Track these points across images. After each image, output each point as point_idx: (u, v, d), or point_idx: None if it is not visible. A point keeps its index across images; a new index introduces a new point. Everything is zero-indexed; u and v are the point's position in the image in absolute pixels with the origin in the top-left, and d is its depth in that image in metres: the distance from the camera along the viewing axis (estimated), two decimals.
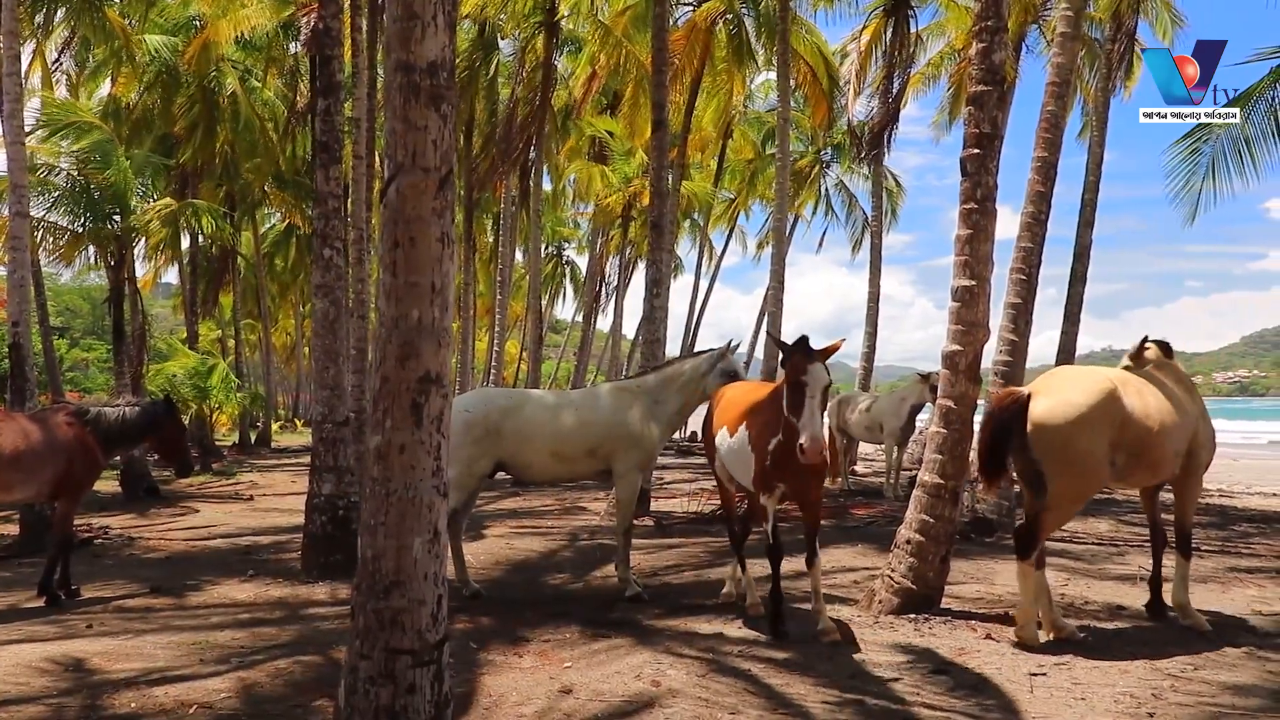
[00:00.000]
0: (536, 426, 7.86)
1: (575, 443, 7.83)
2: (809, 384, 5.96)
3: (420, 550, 3.39)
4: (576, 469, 8.09)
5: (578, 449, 7.83)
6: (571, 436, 7.83)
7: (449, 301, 3.42)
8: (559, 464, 7.95)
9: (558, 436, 7.83)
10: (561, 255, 50.02)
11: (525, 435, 7.81)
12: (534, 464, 7.95)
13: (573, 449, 7.84)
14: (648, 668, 5.85)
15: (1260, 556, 10.05)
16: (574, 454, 7.85)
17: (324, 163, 9.40)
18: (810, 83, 23.50)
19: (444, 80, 3.30)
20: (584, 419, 7.89)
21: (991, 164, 7.31)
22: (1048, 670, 5.74)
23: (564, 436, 7.83)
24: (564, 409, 7.99)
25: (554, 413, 7.95)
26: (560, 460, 7.91)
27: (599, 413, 7.92)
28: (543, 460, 7.91)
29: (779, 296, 18.04)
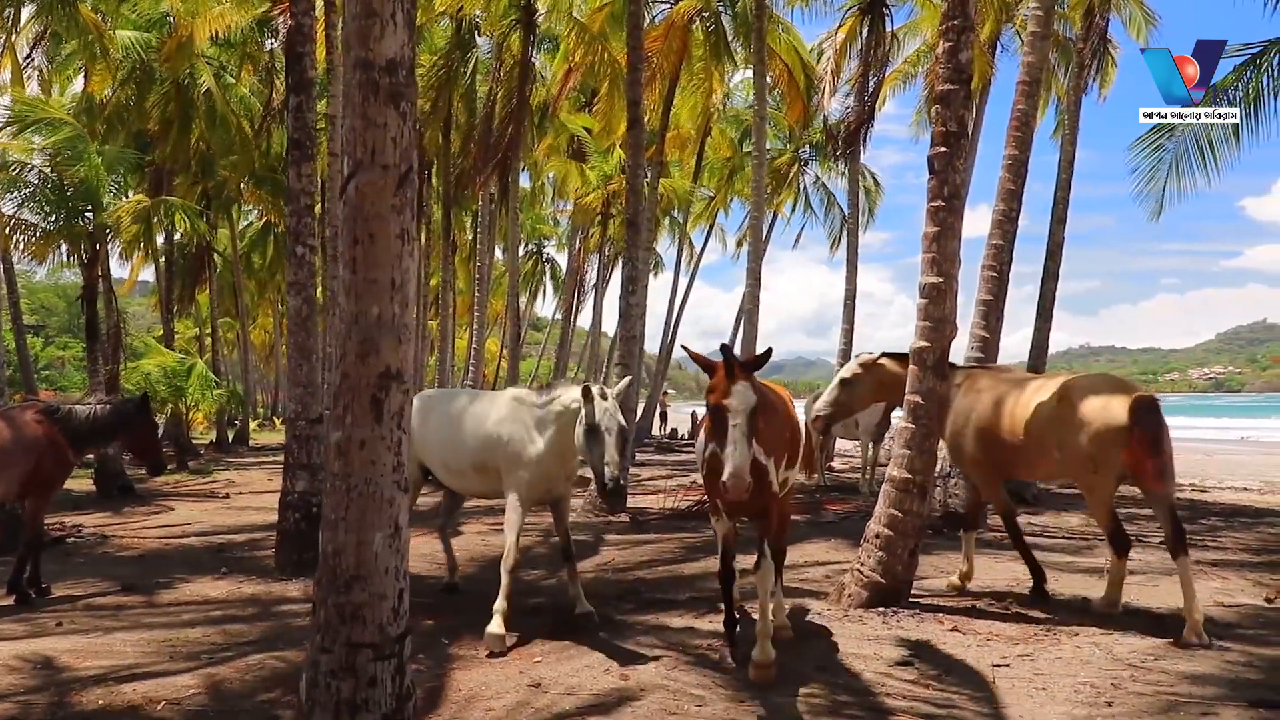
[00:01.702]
0: (433, 432, 7.26)
1: (461, 455, 7.05)
2: (730, 408, 4.97)
3: (381, 545, 3.41)
4: (470, 485, 7.30)
5: (464, 462, 7.03)
6: (458, 448, 7.06)
7: (409, 298, 3.45)
8: (453, 478, 7.30)
9: (445, 446, 7.17)
10: (541, 253, 49.98)
11: (426, 441, 7.27)
12: (440, 474, 7.42)
13: (458, 462, 7.09)
14: (618, 662, 5.90)
15: (1226, 549, 10.20)
16: (461, 467, 7.10)
17: (296, 160, 9.38)
18: (787, 81, 23.61)
19: (403, 78, 3.33)
20: (471, 429, 6.98)
21: (958, 162, 7.39)
22: (1010, 661, 5.82)
23: (451, 447, 7.11)
24: (462, 416, 7.13)
25: (453, 419, 7.15)
26: (452, 474, 7.25)
27: (485, 424, 6.91)
28: (441, 472, 7.36)
29: (756, 294, 18.12)
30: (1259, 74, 11.67)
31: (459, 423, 7.09)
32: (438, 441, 7.22)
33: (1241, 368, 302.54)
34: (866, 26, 21.55)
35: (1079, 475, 6.99)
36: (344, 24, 3.37)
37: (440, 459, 7.25)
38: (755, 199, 18.74)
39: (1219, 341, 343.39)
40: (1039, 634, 6.55)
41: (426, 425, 7.25)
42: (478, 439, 6.89)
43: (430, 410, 7.38)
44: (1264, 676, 5.49)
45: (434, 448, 7.27)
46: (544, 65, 27.08)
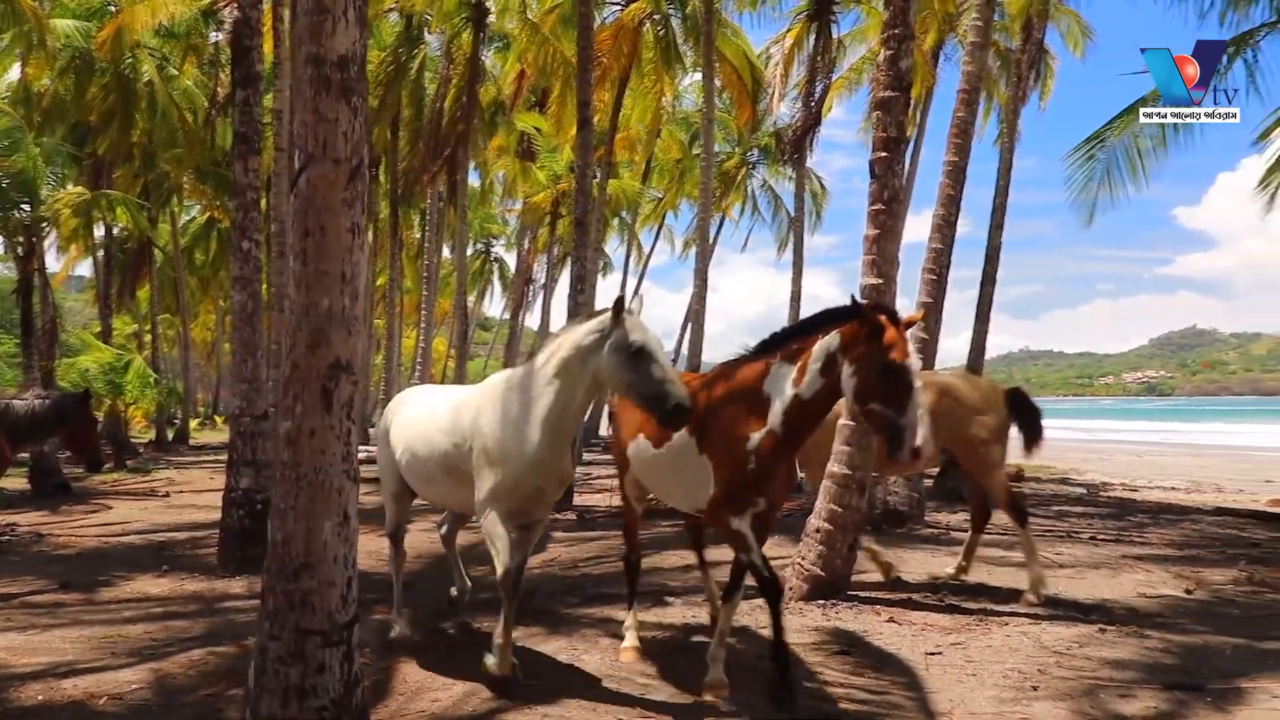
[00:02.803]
0: (402, 431, 6.00)
1: (428, 456, 5.67)
2: (913, 369, 4.57)
3: (330, 533, 3.47)
4: (444, 495, 5.87)
5: (433, 466, 5.64)
6: (425, 447, 5.70)
7: (359, 290, 3.51)
8: (423, 484, 5.91)
9: (413, 446, 5.83)
10: (490, 252, 49.79)
11: (397, 442, 6.04)
12: (412, 481, 6.03)
13: (426, 465, 5.72)
14: (564, 653, 6.00)
15: (1152, 545, 10.59)
16: (430, 472, 5.71)
17: (243, 154, 9.33)
18: (735, 85, 23.83)
19: (355, 74, 3.39)
20: (440, 424, 5.63)
21: (898, 166, 7.61)
22: (944, 650, 6.03)
23: (418, 446, 5.78)
24: (433, 409, 5.83)
25: (424, 415, 5.87)
26: (421, 479, 5.87)
27: (453, 416, 5.56)
28: (410, 478, 6.00)
29: (703, 296, 18.32)
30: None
31: (434, 416, 5.72)
32: (408, 441, 5.89)
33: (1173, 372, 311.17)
34: (814, 33, 21.86)
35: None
36: (296, 19, 3.43)
37: (406, 461, 5.91)
38: (703, 201, 18.94)
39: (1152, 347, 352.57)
40: (971, 624, 6.78)
41: (400, 420, 6.11)
42: (450, 435, 5.49)
43: (406, 404, 6.27)
44: (1180, 662, 5.76)
45: (402, 449, 5.97)
46: (494, 64, 27.04)
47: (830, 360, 4.79)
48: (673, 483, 5.56)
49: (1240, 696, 5.05)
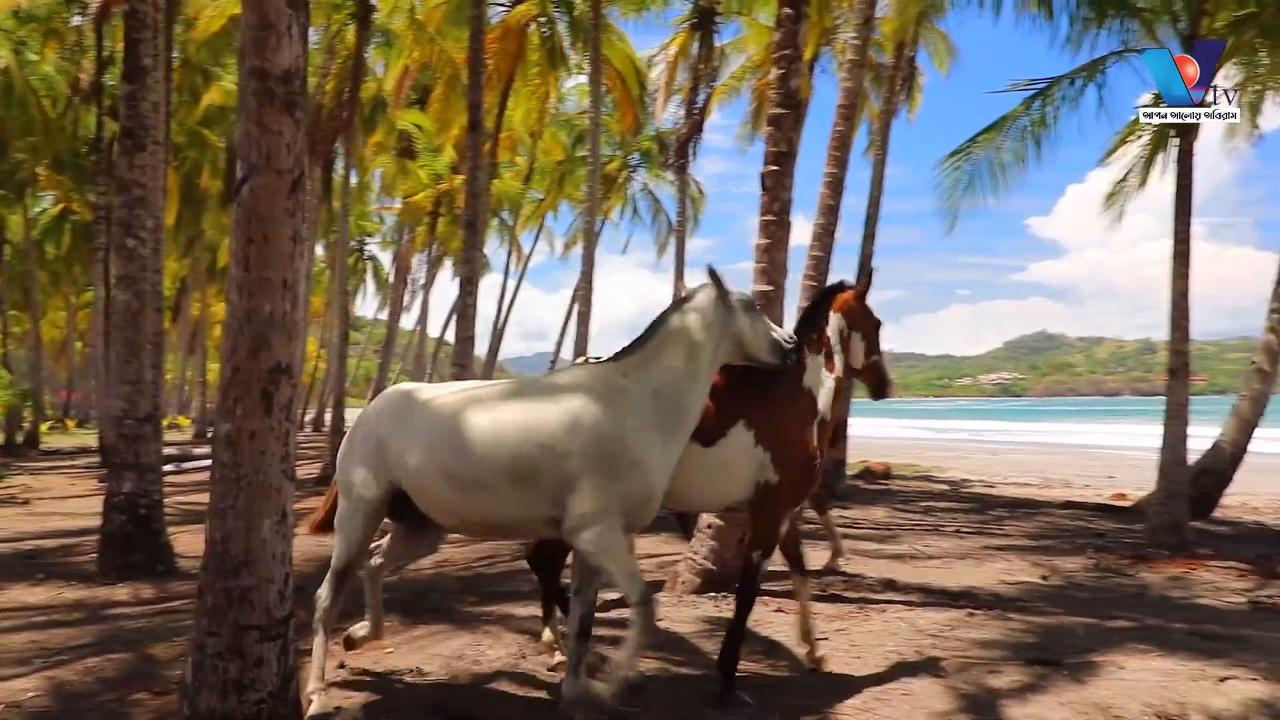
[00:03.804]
0: (423, 434, 4.69)
1: (483, 461, 4.50)
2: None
3: (269, 531, 3.58)
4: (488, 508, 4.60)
5: (493, 472, 4.49)
6: (479, 451, 4.51)
7: (299, 296, 3.62)
8: (459, 494, 4.59)
9: (454, 449, 4.56)
10: (363, 250, 48.84)
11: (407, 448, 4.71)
12: (428, 490, 4.68)
13: (477, 471, 4.51)
14: (468, 649, 6.13)
15: (1010, 536, 11.41)
16: (482, 480, 4.51)
17: (128, 150, 9.10)
18: (620, 89, 24.20)
19: (297, 88, 3.51)
20: (507, 424, 4.55)
21: (788, 180, 8.02)
22: (828, 636, 6.45)
23: (466, 450, 4.53)
24: (487, 409, 4.66)
25: (472, 415, 4.63)
26: (459, 489, 4.57)
27: (532, 415, 4.56)
28: (431, 490, 4.66)
29: (588, 297, 18.56)
30: (1044, 105, 13.06)
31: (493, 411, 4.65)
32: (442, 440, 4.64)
33: (1025, 374, 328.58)
34: (697, 41, 22.45)
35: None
36: (240, 33, 3.51)
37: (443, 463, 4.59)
38: (589, 204, 19.19)
39: (1006, 349, 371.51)
40: (852, 611, 7.25)
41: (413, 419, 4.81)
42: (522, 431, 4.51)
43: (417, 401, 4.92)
44: (1040, 640, 6.34)
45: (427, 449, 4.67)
46: (374, 60, 26.65)
47: (844, 337, 5.35)
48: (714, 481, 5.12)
49: (1092, 669, 5.61)
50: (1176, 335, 11.25)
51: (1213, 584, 8.62)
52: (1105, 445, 38.47)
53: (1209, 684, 5.30)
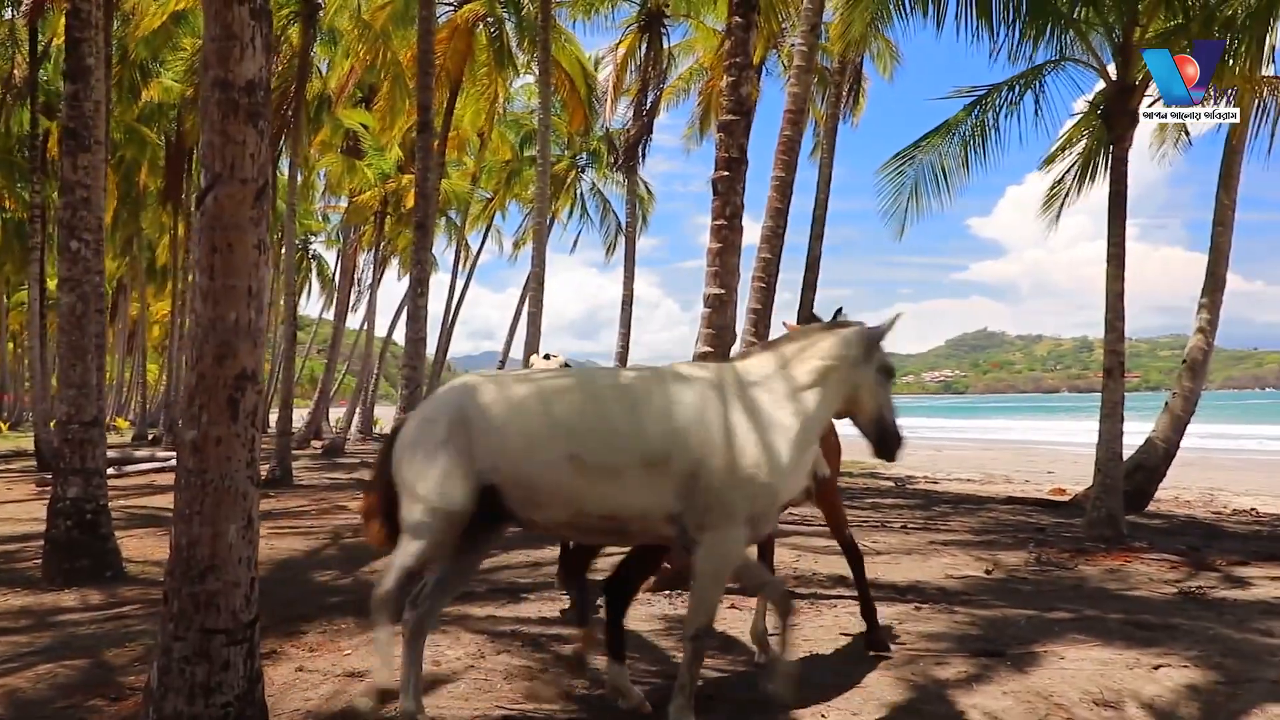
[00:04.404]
0: (524, 422, 4.38)
1: (605, 447, 4.30)
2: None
3: (235, 536, 3.61)
4: (610, 499, 4.32)
5: (620, 459, 4.29)
6: (600, 437, 4.32)
7: (263, 304, 3.65)
8: (589, 482, 4.29)
9: (575, 437, 4.31)
10: (308, 249, 48.26)
11: (502, 438, 4.34)
12: (544, 482, 4.32)
13: (601, 458, 4.29)
14: (427, 650, 6.13)
15: (954, 531, 11.71)
16: (607, 467, 4.29)
17: (71, 150, 8.96)
18: (568, 90, 24.26)
19: (261, 98, 3.54)
20: (635, 409, 4.39)
21: (739, 185, 8.18)
22: (778, 633, 6.60)
23: (590, 437, 4.32)
24: (606, 394, 4.51)
25: (589, 401, 4.46)
26: (592, 475, 4.28)
27: (662, 402, 4.39)
28: (538, 481, 4.33)
29: (539, 297, 18.60)
30: (984, 112, 13.40)
31: (625, 400, 4.45)
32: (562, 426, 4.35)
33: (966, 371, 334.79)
34: (645, 43, 22.59)
35: None
36: (204, 44, 3.54)
37: (570, 449, 4.28)
38: (539, 204, 19.22)
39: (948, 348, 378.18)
40: (804, 607, 7.41)
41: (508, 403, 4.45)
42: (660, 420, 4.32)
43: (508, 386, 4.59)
44: (984, 632, 6.56)
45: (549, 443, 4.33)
46: (319, 58, 26.38)
47: None
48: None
49: (1034, 659, 5.83)
50: (1111, 336, 11.62)
51: (1147, 576, 8.95)
52: (1044, 441, 39.46)
53: (1143, 672, 5.55)
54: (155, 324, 53.39)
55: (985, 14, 11.94)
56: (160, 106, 28.32)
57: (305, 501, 15.39)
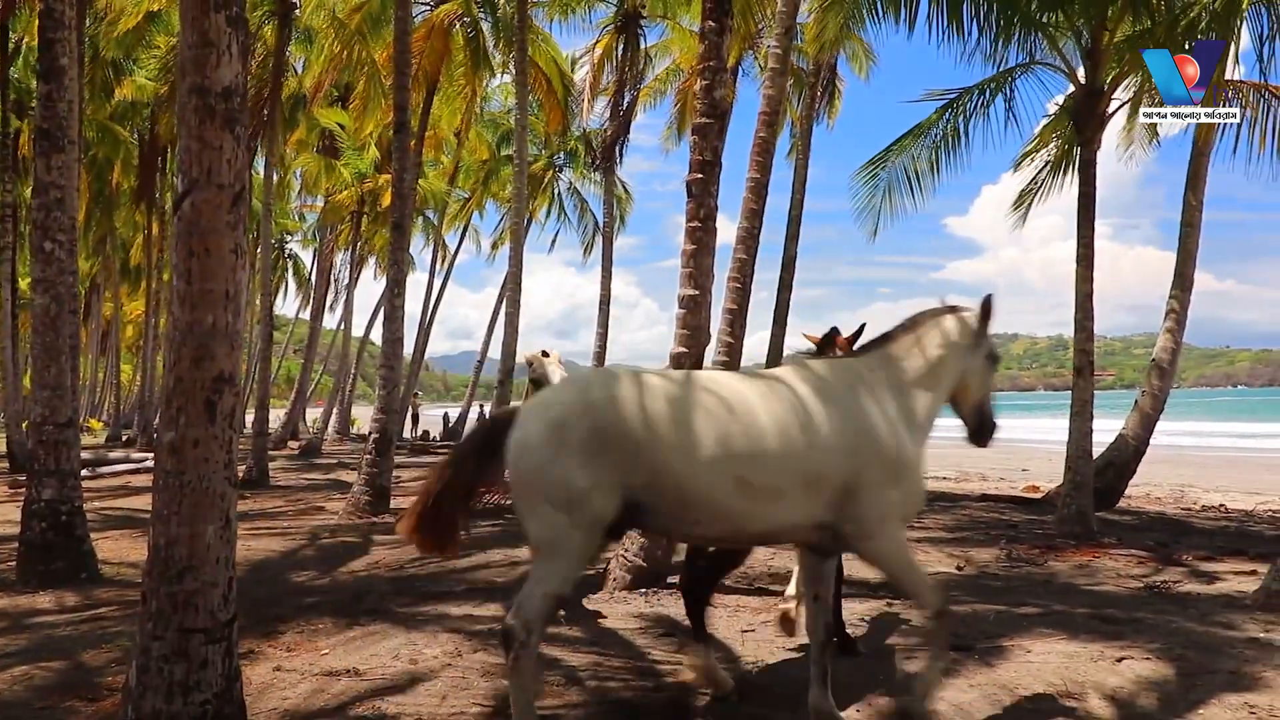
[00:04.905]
0: (706, 425, 4.12)
1: (765, 456, 4.12)
2: None
3: (213, 536, 3.66)
4: (783, 514, 4.20)
5: (785, 469, 4.14)
6: (771, 448, 4.13)
7: (240, 307, 3.70)
8: (753, 503, 4.13)
9: (757, 450, 4.11)
10: (284, 249, 48.02)
11: (692, 447, 4.06)
12: (703, 499, 4.10)
13: (765, 469, 4.12)
14: (404, 648, 6.22)
15: (928, 529, 11.86)
16: (784, 483, 4.15)
17: (45, 151, 8.94)
18: (545, 91, 24.29)
19: (237, 105, 3.59)
20: (798, 415, 4.24)
21: (713, 187, 8.27)
22: (755, 628, 6.71)
23: (766, 450, 4.12)
24: (763, 407, 4.23)
25: (742, 412, 4.19)
26: (756, 497, 4.13)
27: (813, 407, 4.30)
28: (722, 497, 4.10)
29: (516, 297, 18.63)
30: (956, 114, 13.58)
31: (776, 408, 4.25)
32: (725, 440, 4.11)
33: None
34: (622, 44, 22.66)
35: None
36: (180, 50, 3.58)
37: (737, 470, 4.09)
38: (516, 205, 19.25)
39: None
40: (777, 604, 7.49)
41: (662, 407, 4.13)
42: (831, 435, 4.23)
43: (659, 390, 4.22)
44: (954, 627, 6.67)
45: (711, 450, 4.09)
46: (295, 57, 26.29)
47: None
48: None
49: (1002, 653, 5.96)
50: (1081, 335, 11.81)
51: (1115, 571, 9.12)
52: (1020, 439, 39.76)
53: (1107, 664, 5.68)
54: (129, 324, 52.94)
55: (956, 18, 12.08)
56: (134, 105, 28.11)
57: (282, 502, 15.38)
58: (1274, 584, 7.45)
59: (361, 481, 13.42)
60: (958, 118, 13.56)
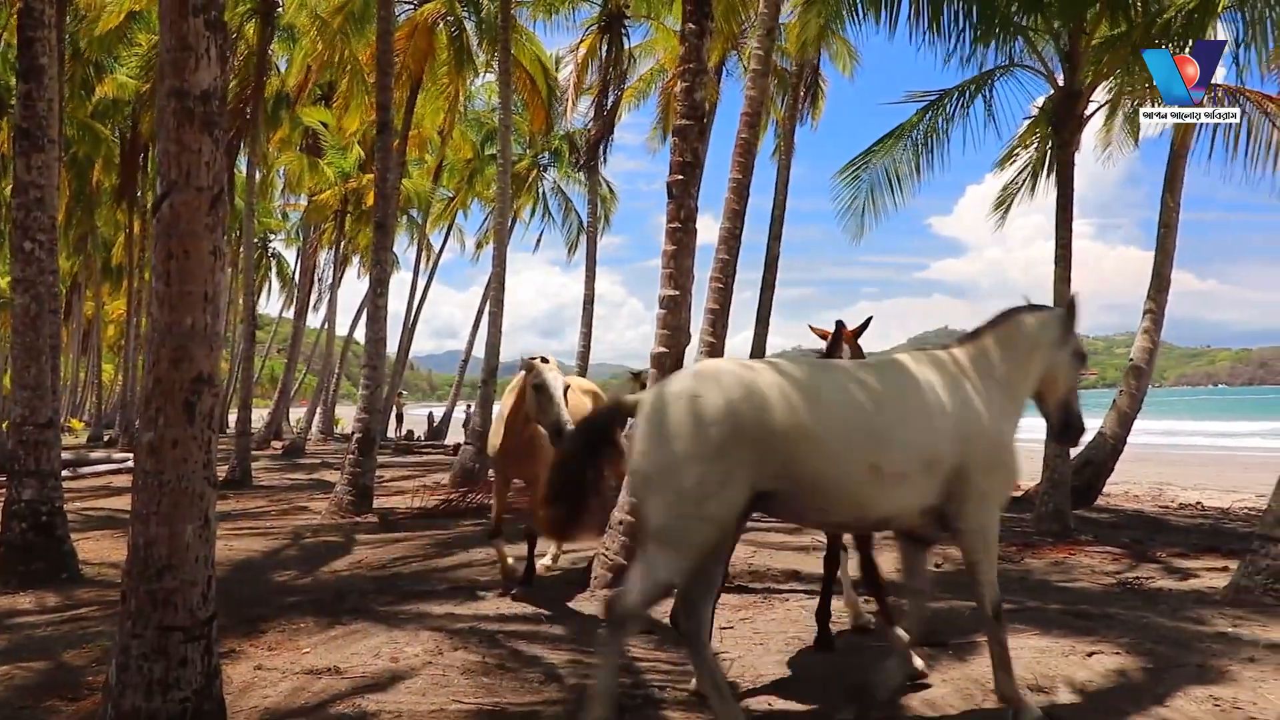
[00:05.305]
0: (841, 413, 4.28)
1: (901, 444, 4.33)
2: None
3: (192, 535, 3.70)
4: (905, 498, 4.40)
5: (915, 457, 4.35)
6: (908, 435, 4.35)
7: (219, 308, 3.74)
8: (882, 488, 4.30)
9: (881, 436, 4.29)
10: (267, 248, 47.84)
11: (824, 435, 4.18)
12: (835, 485, 4.27)
13: (902, 455, 4.32)
14: (386, 647, 6.25)
15: None
16: (910, 468, 4.34)
17: (24, 150, 8.93)
18: (529, 90, 24.30)
19: (216, 108, 3.63)
20: (927, 404, 4.48)
21: (693, 188, 8.32)
22: (734, 624, 6.79)
23: (893, 436, 4.32)
24: (887, 395, 4.45)
25: (868, 401, 4.38)
26: (885, 482, 4.29)
27: (940, 395, 4.54)
28: (854, 482, 4.27)
29: (500, 297, 18.65)
30: (937, 115, 13.69)
31: (901, 396, 4.49)
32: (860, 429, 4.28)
33: None
34: (606, 44, 22.70)
35: None
36: (159, 54, 3.61)
37: (870, 457, 4.26)
38: (500, 204, 19.26)
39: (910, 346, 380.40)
40: (757, 601, 7.59)
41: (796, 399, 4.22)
42: (945, 420, 4.46)
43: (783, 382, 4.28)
44: (930, 623, 6.75)
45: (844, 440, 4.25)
46: (276, 54, 26.21)
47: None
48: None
49: (975, 648, 6.04)
50: None
51: (1090, 568, 9.24)
52: None
53: (1078, 658, 5.78)
54: (111, 323, 52.64)
55: (936, 20, 12.18)
56: (115, 103, 27.96)
57: (265, 502, 15.37)
58: (1243, 580, 7.57)
59: (344, 481, 13.42)
60: (938, 119, 13.68)
